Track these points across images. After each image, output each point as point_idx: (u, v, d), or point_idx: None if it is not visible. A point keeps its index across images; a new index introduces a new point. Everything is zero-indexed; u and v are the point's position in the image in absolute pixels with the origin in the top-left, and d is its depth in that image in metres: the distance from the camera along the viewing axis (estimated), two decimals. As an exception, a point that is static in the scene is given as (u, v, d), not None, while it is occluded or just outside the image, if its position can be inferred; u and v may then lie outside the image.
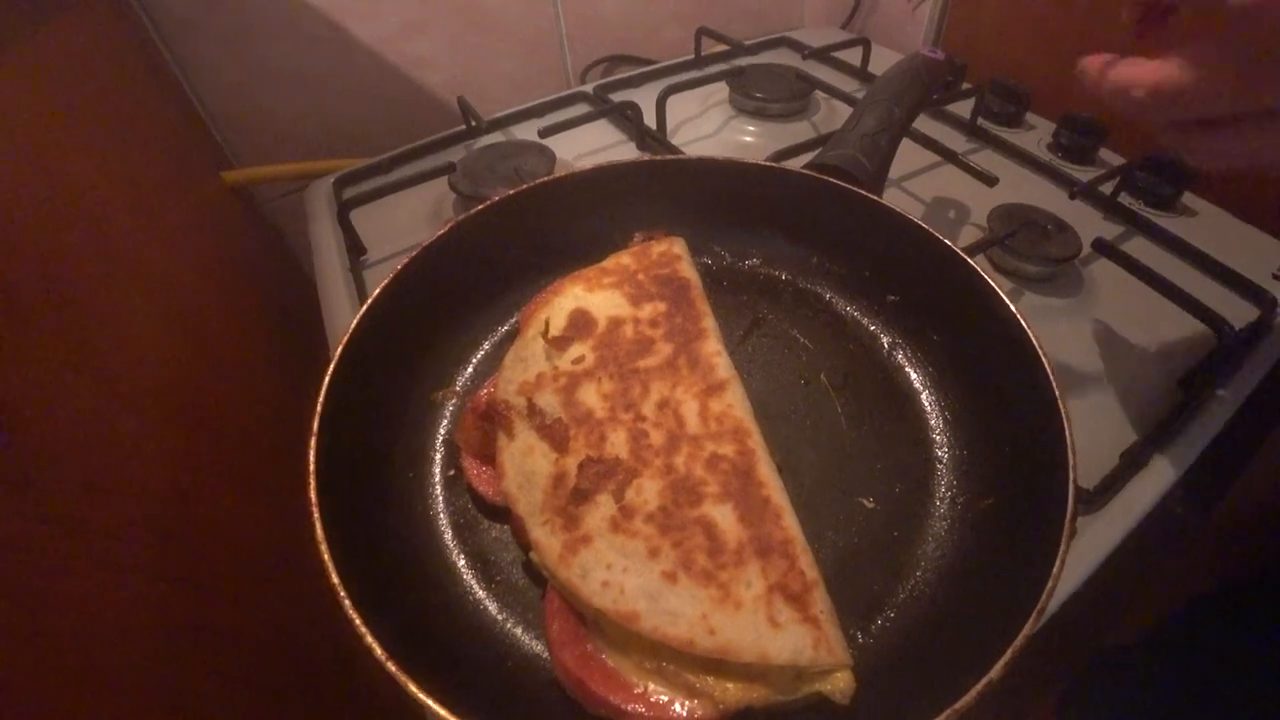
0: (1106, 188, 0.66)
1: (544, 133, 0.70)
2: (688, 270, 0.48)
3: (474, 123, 0.77)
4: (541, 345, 0.43)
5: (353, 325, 0.41)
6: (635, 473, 0.35)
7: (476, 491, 0.41)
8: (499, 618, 0.38)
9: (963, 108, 0.77)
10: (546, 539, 0.35)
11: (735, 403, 0.39)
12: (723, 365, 0.41)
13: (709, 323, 0.44)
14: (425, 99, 0.89)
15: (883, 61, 0.85)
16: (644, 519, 0.34)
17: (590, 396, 0.40)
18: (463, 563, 0.40)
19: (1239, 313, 0.53)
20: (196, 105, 0.78)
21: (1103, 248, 0.57)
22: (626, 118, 0.77)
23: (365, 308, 0.42)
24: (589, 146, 0.77)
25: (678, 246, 0.50)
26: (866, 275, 0.49)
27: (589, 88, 0.88)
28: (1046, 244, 0.56)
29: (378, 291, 0.43)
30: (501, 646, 0.36)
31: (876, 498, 0.40)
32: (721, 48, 0.93)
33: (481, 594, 0.38)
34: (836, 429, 0.43)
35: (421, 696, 0.28)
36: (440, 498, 0.42)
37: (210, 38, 0.73)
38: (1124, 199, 0.66)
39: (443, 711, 0.28)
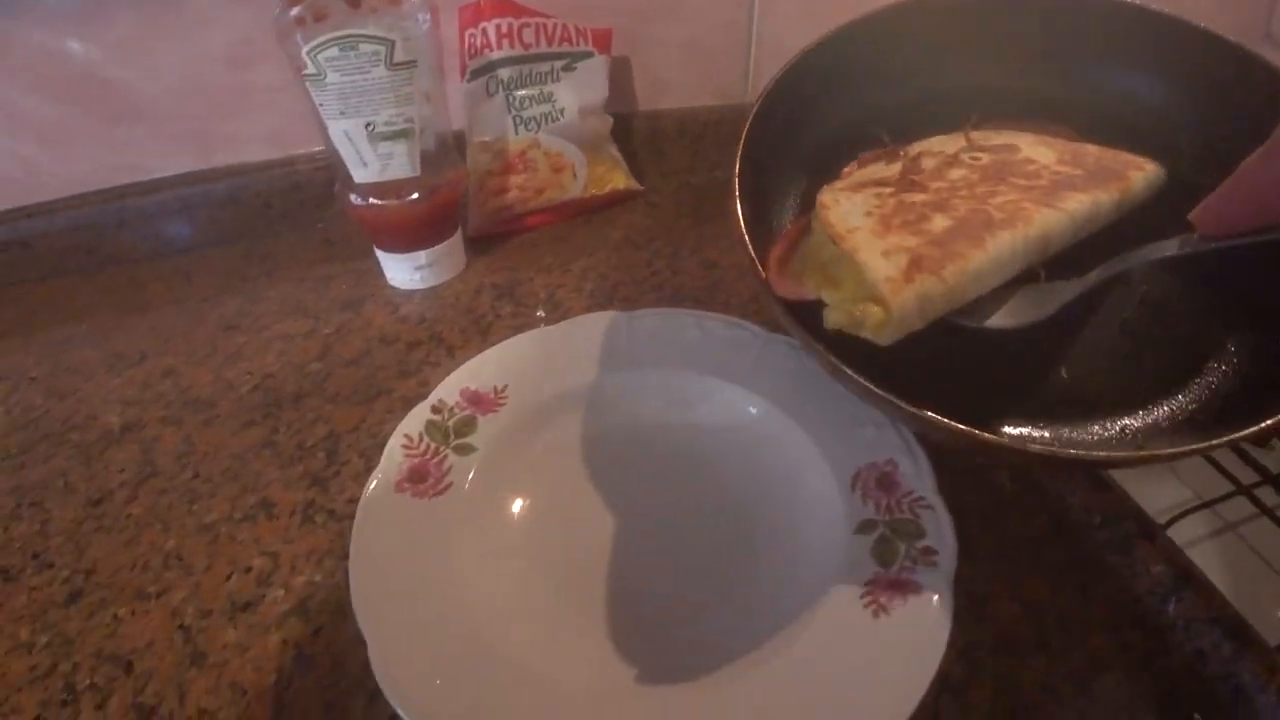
0: None
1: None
2: (1137, 181, 0.39)
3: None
4: (964, 141, 0.43)
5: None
6: (922, 190, 0.37)
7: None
8: None
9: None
10: (837, 186, 0.38)
11: (1044, 219, 0.35)
12: (1075, 203, 0.36)
13: (1104, 197, 0.38)
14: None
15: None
16: (897, 202, 0.35)
17: (955, 172, 0.39)
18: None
19: None
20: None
21: None
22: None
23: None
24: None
25: (1150, 167, 0.40)
26: None
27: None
28: None
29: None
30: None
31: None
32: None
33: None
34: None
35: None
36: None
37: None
38: None
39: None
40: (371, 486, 0.38)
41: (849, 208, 0.35)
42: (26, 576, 0.40)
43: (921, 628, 0.32)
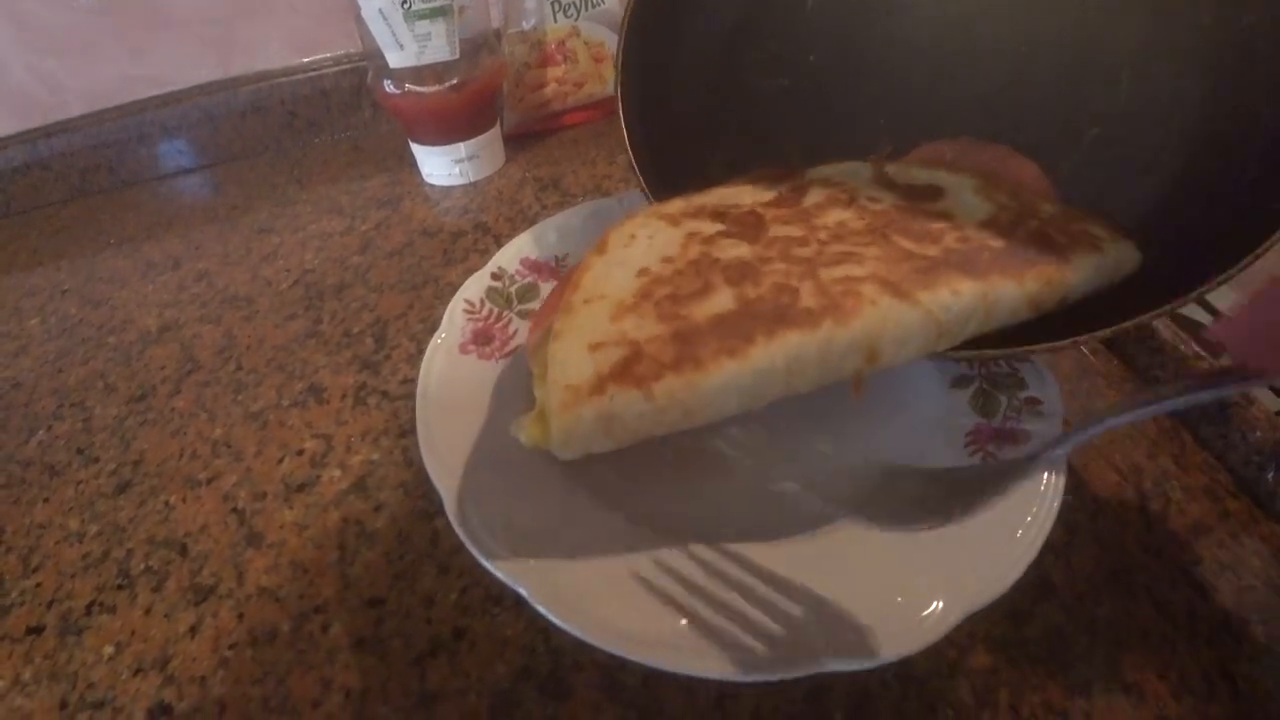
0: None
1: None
2: (1080, 269, 0.28)
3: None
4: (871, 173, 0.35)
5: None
6: (751, 239, 0.30)
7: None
8: None
9: None
10: (664, 209, 0.33)
11: (877, 315, 0.25)
12: (946, 296, 0.26)
13: (1007, 290, 0.27)
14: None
15: None
16: (700, 255, 0.28)
17: (834, 215, 0.31)
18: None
19: None
20: None
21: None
22: None
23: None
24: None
25: (1110, 248, 0.29)
26: None
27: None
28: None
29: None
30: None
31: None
32: None
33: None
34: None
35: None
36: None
37: None
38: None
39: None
40: (439, 341, 0.37)
41: (630, 255, 0.28)
42: (72, 471, 0.39)
43: (1036, 470, 0.29)
